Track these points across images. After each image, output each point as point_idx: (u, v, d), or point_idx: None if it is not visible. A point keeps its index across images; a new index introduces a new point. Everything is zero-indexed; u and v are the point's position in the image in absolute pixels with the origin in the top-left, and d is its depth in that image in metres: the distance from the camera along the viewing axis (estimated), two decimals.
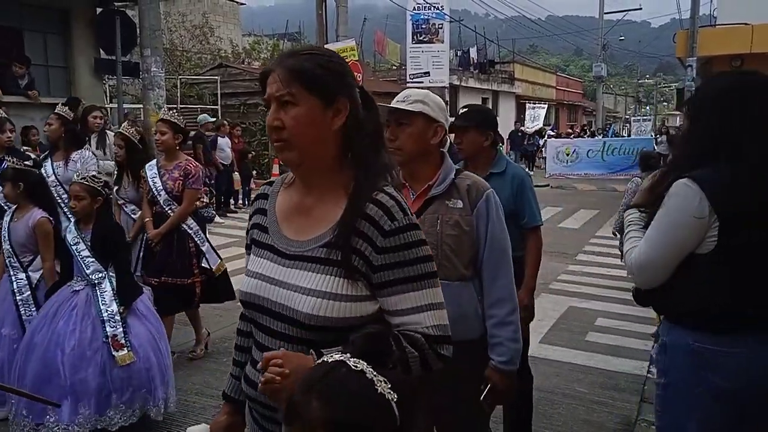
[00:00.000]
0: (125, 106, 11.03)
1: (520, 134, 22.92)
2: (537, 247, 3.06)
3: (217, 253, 4.66)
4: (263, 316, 1.40)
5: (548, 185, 17.33)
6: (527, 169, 22.20)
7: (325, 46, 14.64)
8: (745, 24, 13.18)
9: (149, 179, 4.44)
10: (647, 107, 62.59)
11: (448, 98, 23.04)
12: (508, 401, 2.23)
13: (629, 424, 3.82)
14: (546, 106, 27.19)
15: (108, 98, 12.35)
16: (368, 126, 1.40)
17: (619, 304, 6.35)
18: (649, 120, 28.19)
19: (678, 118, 27.16)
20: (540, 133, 24.76)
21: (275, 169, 13.18)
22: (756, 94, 1.86)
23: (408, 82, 20.45)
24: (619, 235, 6.83)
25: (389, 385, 0.97)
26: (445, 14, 19.35)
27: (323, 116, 1.34)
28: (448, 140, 4.03)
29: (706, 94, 1.96)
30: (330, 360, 1.01)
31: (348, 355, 1.01)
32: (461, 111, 3.07)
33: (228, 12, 25.29)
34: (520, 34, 42.84)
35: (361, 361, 0.99)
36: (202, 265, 4.47)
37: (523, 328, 2.99)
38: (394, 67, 24.32)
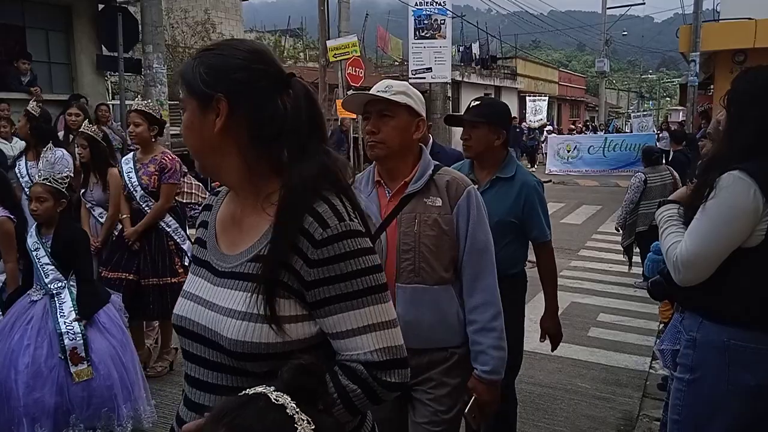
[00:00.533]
0: (127, 102, 11.03)
1: (518, 130, 22.38)
2: (550, 263, 2.84)
3: None
4: (194, 343, 1.22)
5: (550, 180, 17.31)
6: (529, 166, 22.07)
7: (327, 42, 14.63)
8: (749, 19, 13.14)
9: (124, 174, 4.24)
10: (650, 102, 62.42)
11: (450, 94, 23.01)
12: (492, 414, 2.10)
13: (631, 419, 3.82)
14: (547, 97, 27.02)
15: (110, 95, 12.35)
16: (295, 123, 1.18)
17: (621, 299, 6.35)
18: (650, 115, 28.00)
19: (680, 113, 27.05)
20: (540, 128, 24.49)
21: None
22: None
23: (410, 78, 20.42)
24: (622, 231, 6.85)
25: (312, 426, 0.85)
26: (447, 10, 19.31)
27: (202, 119, 1.19)
28: (431, 138, 3.93)
29: (749, 89, 1.94)
30: (251, 392, 0.90)
31: (272, 388, 0.89)
32: (473, 103, 2.75)
33: (230, 8, 25.23)
34: (523, 30, 42.74)
35: (284, 395, 0.87)
36: (185, 263, 4.27)
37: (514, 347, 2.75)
38: (397, 63, 24.25)
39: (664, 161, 7.56)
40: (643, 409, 3.94)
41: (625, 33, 46.16)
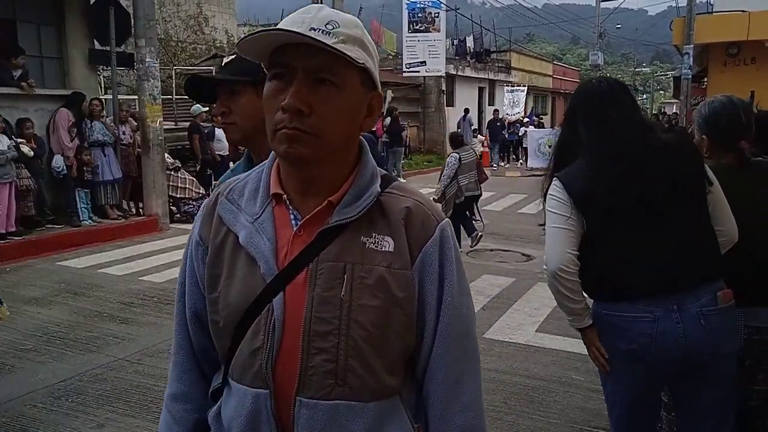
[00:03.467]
0: (120, 97, 10.97)
1: (498, 124, 21.10)
2: None
3: None
4: None
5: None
6: (508, 163, 21.63)
7: None
8: (742, 11, 13.16)
9: None
10: (644, 96, 62.53)
11: (444, 87, 22.97)
12: None
13: None
14: (525, 88, 26.40)
15: (103, 89, 12.28)
16: None
17: None
18: None
19: (674, 106, 27.14)
20: (518, 122, 22.85)
21: None
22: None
23: (404, 72, 20.38)
24: (443, 204, 7.77)
25: None
26: (441, 3, 19.28)
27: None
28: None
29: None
30: None
31: None
32: (228, 58, 1.73)
33: (223, 1, 25.08)
34: (517, 23, 42.66)
35: None
36: None
37: None
38: (391, 56, 24.21)
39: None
40: None
41: (619, 26, 46.21)
